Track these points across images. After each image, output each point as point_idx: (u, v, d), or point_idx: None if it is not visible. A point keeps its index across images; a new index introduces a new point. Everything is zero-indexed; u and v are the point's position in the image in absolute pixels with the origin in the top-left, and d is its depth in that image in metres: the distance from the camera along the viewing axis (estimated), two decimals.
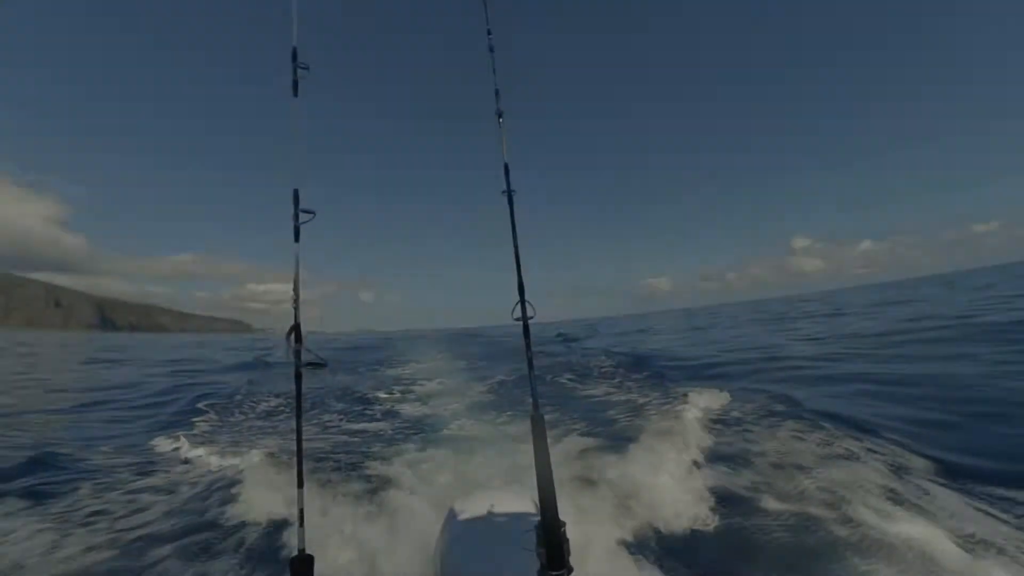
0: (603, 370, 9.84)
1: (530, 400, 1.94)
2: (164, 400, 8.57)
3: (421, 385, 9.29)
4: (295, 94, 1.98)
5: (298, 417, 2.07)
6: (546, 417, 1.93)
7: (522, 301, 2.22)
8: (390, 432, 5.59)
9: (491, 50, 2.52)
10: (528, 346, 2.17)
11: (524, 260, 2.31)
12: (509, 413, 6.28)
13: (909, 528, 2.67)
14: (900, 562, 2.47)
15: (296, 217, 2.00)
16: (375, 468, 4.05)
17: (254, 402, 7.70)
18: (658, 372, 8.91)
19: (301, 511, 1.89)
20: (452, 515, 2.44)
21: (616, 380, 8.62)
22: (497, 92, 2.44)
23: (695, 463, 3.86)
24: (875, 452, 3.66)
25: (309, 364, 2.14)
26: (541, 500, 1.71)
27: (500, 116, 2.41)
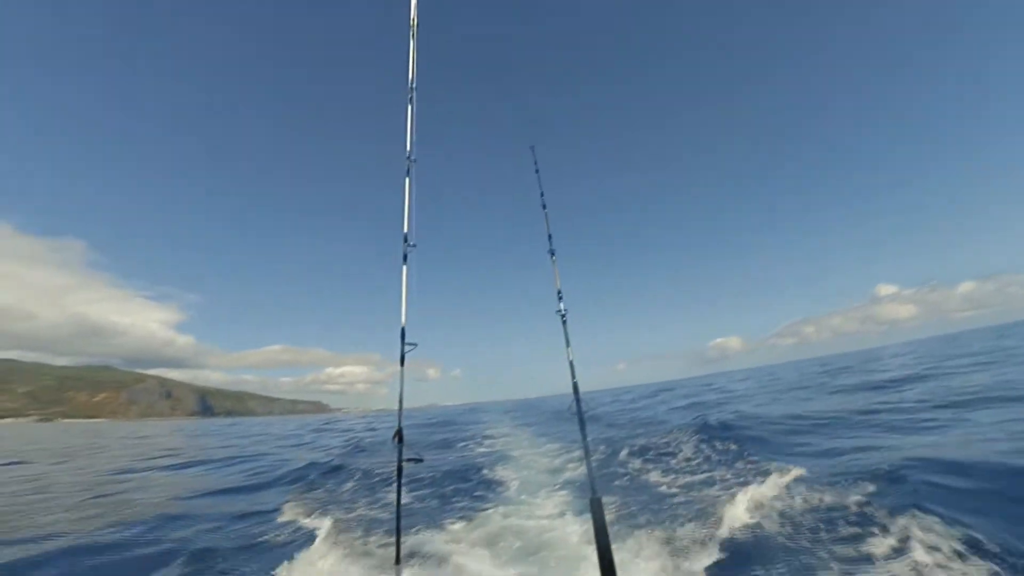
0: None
1: (588, 484, 2.40)
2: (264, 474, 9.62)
3: (489, 460, 9.58)
4: (404, 263, 2.86)
5: (398, 502, 2.71)
6: (604, 497, 2.36)
7: (577, 400, 2.81)
8: (465, 508, 5.99)
9: (544, 207, 3.37)
10: (584, 436, 2.70)
11: (576, 342, 2.90)
12: (568, 490, 6.45)
13: None
14: None
15: (402, 348, 2.81)
16: (446, 543, 4.47)
17: (355, 484, 8.37)
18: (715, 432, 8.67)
19: None
20: None
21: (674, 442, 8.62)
22: (550, 237, 3.23)
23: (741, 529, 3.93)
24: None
25: (409, 459, 2.83)
26: None
27: (553, 255, 3.18)
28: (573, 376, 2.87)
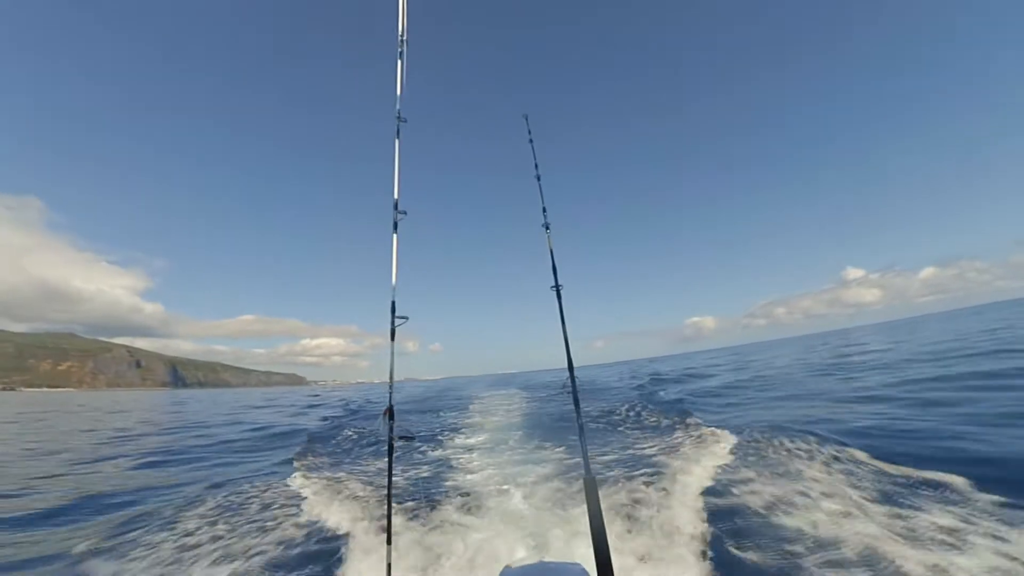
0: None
1: (582, 463, 2.33)
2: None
3: (471, 438, 9.57)
4: (395, 231, 2.64)
5: (389, 480, 2.56)
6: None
7: (572, 377, 2.72)
8: (457, 488, 5.92)
9: (538, 179, 3.21)
10: (579, 415, 2.63)
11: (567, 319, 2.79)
12: (563, 476, 6.41)
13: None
14: None
15: (392, 322, 2.62)
16: (438, 522, 4.41)
17: (347, 454, 8.25)
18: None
19: (389, 566, 2.22)
20: None
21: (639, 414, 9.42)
22: (544, 210, 3.08)
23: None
24: None
25: (401, 438, 2.68)
26: (597, 560, 1.92)
27: (547, 228, 3.04)
28: (568, 352, 2.77)
